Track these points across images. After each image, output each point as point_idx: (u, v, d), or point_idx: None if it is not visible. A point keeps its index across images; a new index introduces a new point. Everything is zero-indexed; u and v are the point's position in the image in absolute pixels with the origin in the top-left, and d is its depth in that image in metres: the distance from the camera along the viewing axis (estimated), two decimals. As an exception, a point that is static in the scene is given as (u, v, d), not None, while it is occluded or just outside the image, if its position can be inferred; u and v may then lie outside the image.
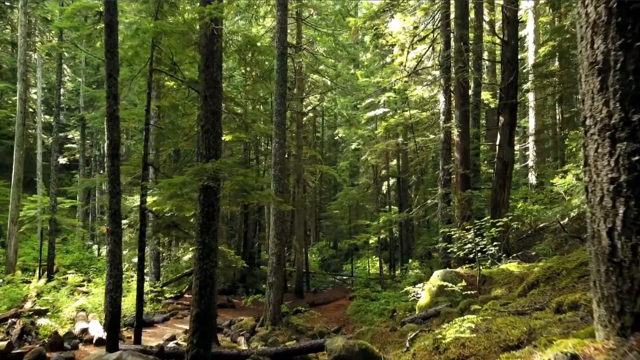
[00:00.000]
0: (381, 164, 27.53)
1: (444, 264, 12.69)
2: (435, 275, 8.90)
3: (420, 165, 20.67)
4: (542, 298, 4.82)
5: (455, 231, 9.37)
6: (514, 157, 13.12)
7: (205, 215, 6.98)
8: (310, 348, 8.30)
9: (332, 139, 41.57)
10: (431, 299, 8.68)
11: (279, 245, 14.44)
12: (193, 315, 6.75)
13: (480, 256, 8.42)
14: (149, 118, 9.34)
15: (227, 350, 8.29)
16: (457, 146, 12.98)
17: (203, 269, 6.87)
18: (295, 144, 22.15)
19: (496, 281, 8.18)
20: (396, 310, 15.42)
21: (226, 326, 14.01)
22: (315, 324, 16.01)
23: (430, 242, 18.73)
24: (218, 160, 6.70)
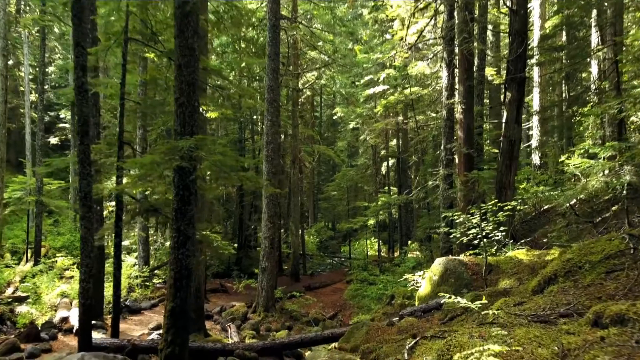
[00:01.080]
0: (380, 144, 26.70)
1: (445, 249, 12.01)
2: (436, 263, 8.20)
3: (420, 145, 19.86)
4: (565, 298, 4.10)
5: (458, 215, 8.64)
6: (521, 136, 12.32)
7: (181, 199, 6.23)
8: (300, 342, 7.65)
9: (330, 119, 40.64)
10: (432, 289, 8.00)
11: (272, 228, 13.75)
12: (167, 310, 6.06)
13: (485, 242, 7.71)
14: (123, 92, 8.51)
15: (211, 345, 7.64)
16: (460, 124, 12.17)
17: (178, 259, 6.15)
18: (291, 123, 21.29)
19: (504, 270, 7.48)
20: (394, 296, 14.83)
21: (217, 313, 13.41)
22: (311, 310, 15.44)
23: (431, 225, 18.05)
24: (193, 137, 5.92)
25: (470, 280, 7.54)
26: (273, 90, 13.68)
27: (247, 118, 24.45)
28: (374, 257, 25.34)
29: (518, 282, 6.60)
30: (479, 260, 7.99)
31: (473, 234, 8.13)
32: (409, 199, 14.34)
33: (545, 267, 6.59)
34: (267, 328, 12.91)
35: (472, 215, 8.18)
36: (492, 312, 4.51)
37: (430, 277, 8.24)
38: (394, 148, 26.66)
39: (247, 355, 7.30)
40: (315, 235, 33.96)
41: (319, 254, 29.73)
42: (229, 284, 19.32)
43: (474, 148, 12.13)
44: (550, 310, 3.76)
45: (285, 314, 14.45)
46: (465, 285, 7.52)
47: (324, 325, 13.71)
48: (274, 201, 13.74)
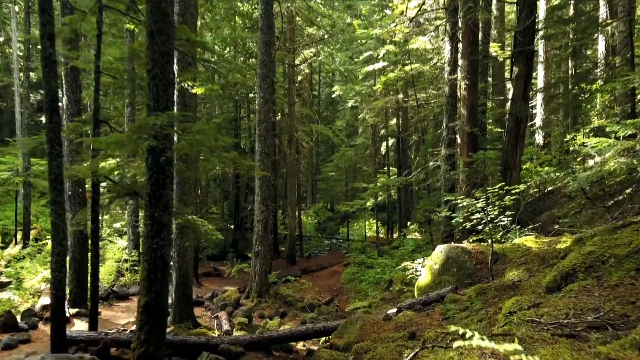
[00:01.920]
0: (380, 123, 25.94)
1: (445, 233, 11.43)
2: (437, 251, 7.61)
3: (421, 124, 19.13)
4: (590, 301, 3.49)
5: (461, 199, 8.02)
6: (528, 113, 11.64)
7: (155, 183, 5.59)
8: (290, 336, 7.12)
9: (329, 97, 39.73)
10: (433, 279, 7.43)
11: (265, 211, 13.16)
12: (141, 306, 5.49)
13: (491, 228, 7.11)
14: (98, 66, 7.78)
15: (194, 338, 7.11)
16: (463, 101, 11.46)
17: (152, 249, 5.55)
18: (287, 101, 20.52)
19: (511, 260, 6.89)
20: (393, 281, 14.36)
21: (208, 299, 12.91)
22: (306, 295, 14.96)
23: (431, 208, 17.47)
24: (166, 113, 5.25)
25: (474, 270, 6.96)
26: (266, 65, 12.91)
27: (242, 96, 23.65)
28: (373, 238, 24.82)
29: (527, 273, 6.01)
30: (483, 248, 7.40)
31: (477, 219, 7.53)
32: (408, 180, 13.71)
33: (557, 256, 6.00)
34: (260, 315, 12.43)
35: (476, 199, 7.56)
36: (502, 315, 3.92)
37: (430, 265, 7.66)
38: (393, 127, 25.91)
39: (233, 350, 6.77)
40: (314, 217, 33.44)
41: (317, 236, 29.24)
42: (223, 267, 18.84)
43: (478, 127, 11.44)
44: (576, 318, 3.16)
45: (279, 299, 13.97)
46: (468, 276, 6.94)
47: (319, 311, 13.24)
48: (267, 183, 13.11)
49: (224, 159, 6.10)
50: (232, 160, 6.19)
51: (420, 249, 16.34)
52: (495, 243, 7.71)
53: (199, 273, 16.55)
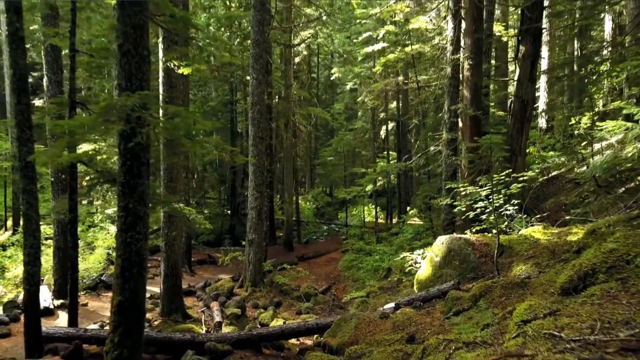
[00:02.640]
0: (380, 106, 25.30)
1: (446, 220, 10.95)
2: (439, 242, 7.13)
3: (421, 106, 18.49)
4: (618, 310, 3.00)
5: (464, 186, 7.51)
6: (534, 95, 11.07)
7: (128, 171, 5.06)
8: (280, 334, 6.67)
9: (328, 80, 38.95)
10: (433, 272, 6.96)
11: (259, 198, 12.65)
12: (114, 306, 5.02)
13: (496, 218, 6.61)
14: (73, 43, 7.19)
15: (179, 335, 6.67)
16: (466, 82, 10.87)
17: (127, 244, 5.06)
18: (284, 84, 19.87)
19: (517, 252, 6.41)
20: (391, 269, 13.94)
21: (200, 288, 12.48)
22: (303, 283, 14.56)
23: (431, 194, 16.98)
24: (137, 93, 4.69)
25: (478, 263, 6.49)
26: (259, 44, 12.27)
27: (238, 78, 22.96)
28: (371, 223, 24.38)
29: (537, 268, 5.53)
30: (487, 239, 6.92)
31: (481, 208, 7.04)
32: (408, 166, 13.19)
33: (570, 250, 5.52)
34: (254, 304, 12.02)
35: (480, 187, 7.05)
36: (514, 323, 3.43)
37: (431, 258, 7.19)
38: (393, 110, 25.27)
39: (219, 348, 6.33)
40: (312, 201, 32.97)
41: (315, 221, 28.83)
42: (218, 254, 18.43)
43: (481, 110, 10.87)
44: (605, 334, 2.67)
45: (275, 288, 13.56)
46: (471, 269, 6.47)
47: (315, 300, 12.84)
48: (260, 169, 12.58)
49: (205, 144, 5.57)
50: (215, 146, 5.65)
51: (419, 235, 15.89)
52: (500, 234, 7.23)
53: (193, 261, 16.13)
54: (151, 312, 9.93)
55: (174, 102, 9.44)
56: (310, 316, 11.20)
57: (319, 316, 11.77)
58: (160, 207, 7.83)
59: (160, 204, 7.65)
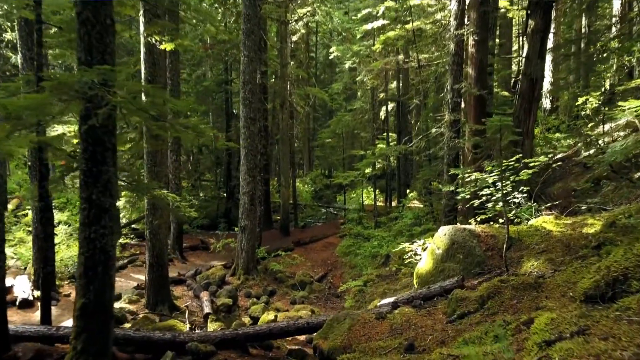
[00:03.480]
0: (379, 86, 24.50)
1: (448, 207, 10.38)
2: (441, 234, 6.56)
3: (423, 85, 17.74)
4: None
5: (468, 172, 6.91)
6: (544, 73, 10.39)
7: (91, 157, 4.46)
8: (268, 333, 6.14)
9: (327, 59, 38.00)
10: (435, 266, 6.40)
11: (251, 183, 12.06)
12: (77, 309, 4.47)
13: (505, 207, 6.03)
14: (39, 13, 6.51)
15: (158, 334, 6.15)
16: (471, 59, 10.17)
17: (90, 240, 4.48)
18: (279, 62, 19.09)
19: (527, 245, 5.84)
20: (390, 256, 13.43)
21: (190, 276, 11.98)
22: (298, 270, 14.07)
23: (432, 177, 16.38)
24: (96, 68, 4.05)
25: (484, 257, 5.92)
26: (250, 19, 11.52)
27: (232, 57, 22.11)
28: (370, 206, 23.85)
29: (550, 265, 4.97)
30: (494, 230, 6.34)
31: (486, 195, 6.45)
32: (408, 149, 12.56)
33: (588, 245, 4.94)
34: (246, 293, 11.55)
35: (487, 173, 6.45)
36: (534, 343, 2.87)
37: (432, 250, 6.62)
38: (393, 91, 24.51)
39: (202, 349, 5.82)
40: (310, 184, 32.40)
41: (313, 204, 28.30)
42: (212, 239, 17.92)
43: (487, 89, 10.20)
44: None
45: (269, 276, 13.07)
46: (477, 264, 5.91)
47: (310, 289, 12.37)
48: (253, 152, 11.95)
49: (178, 127, 4.94)
50: (191, 128, 5.03)
51: (419, 220, 15.35)
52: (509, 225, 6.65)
53: (185, 246, 15.62)
54: (136, 303, 9.44)
55: (156, 80, 8.77)
56: (304, 306, 10.73)
57: (313, 306, 11.31)
58: (140, 194, 7.24)
59: (140, 190, 7.06)
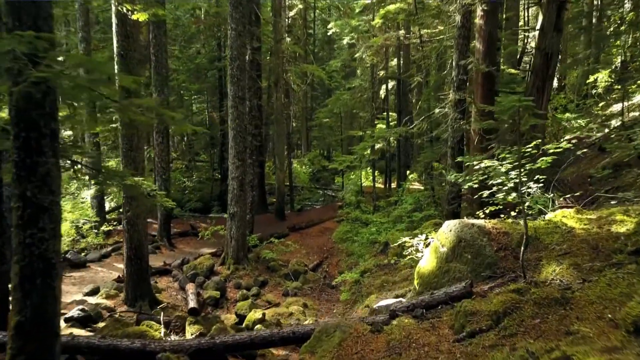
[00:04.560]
0: (379, 64, 23.46)
1: (452, 194, 9.61)
2: (446, 229, 5.79)
3: (426, 60, 16.77)
4: None
5: (477, 159, 6.11)
6: (559, 47, 9.51)
7: (23, 146, 3.66)
8: (250, 343, 5.42)
9: (325, 36, 36.73)
10: (439, 265, 5.66)
11: (240, 167, 11.27)
12: (12, 328, 3.74)
13: (521, 199, 5.25)
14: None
15: (126, 343, 5.45)
16: (479, 32, 9.25)
17: (26, 246, 3.71)
18: (273, 38, 18.07)
19: (546, 246, 5.08)
20: (389, 244, 12.72)
21: (177, 267, 11.28)
22: (292, 258, 13.39)
23: (434, 158, 15.59)
24: (15, 34, 3.22)
25: (496, 258, 5.17)
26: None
27: (224, 32, 21.04)
28: (369, 188, 23.09)
29: (577, 273, 4.21)
30: (507, 226, 5.57)
31: (497, 185, 5.66)
32: (409, 131, 11.71)
33: (621, 250, 4.18)
34: (236, 284, 10.88)
35: (498, 160, 5.65)
36: None
37: (436, 247, 5.87)
38: (394, 68, 23.49)
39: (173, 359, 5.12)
40: (309, 165, 31.57)
41: (311, 186, 27.54)
42: (204, 224, 17.20)
43: (496, 65, 9.31)
44: None
45: (261, 264, 12.39)
46: (487, 266, 5.16)
47: (304, 279, 11.69)
48: (242, 133, 11.12)
49: (133, 109, 4.12)
50: (151, 108, 4.21)
51: (420, 206, 14.61)
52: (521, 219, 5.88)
53: (174, 233, 14.91)
54: (115, 298, 8.76)
55: (130, 55, 7.89)
56: (297, 299, 10.06)
57: (307, 297, 10.64)
58: (106, 183, 6.45)
59: (109, 179, 6.27)
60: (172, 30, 20.84)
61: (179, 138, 31.22)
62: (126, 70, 7.96)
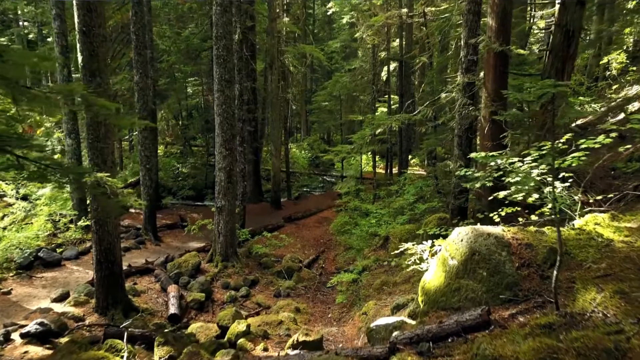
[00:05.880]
0: (381, 45, 22.30)
1: (459, 187, 8.68)
2: (456, 238, 4.89)
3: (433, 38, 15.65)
4: None
5: (494, 156, 5.18)
6: (582, 24, 8.47)
7: None
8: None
9: (326, 16, 35.43)
10: (448, 282, 4.77)
11: (228, 157, 10.34)
12: None
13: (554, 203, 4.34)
14: None
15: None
16: (492, 7, 8.20)
17: None
18: (268, 16, 16.96)
19: (580, 263, 4.18)
20: (389, 238, 11.86)
21: (160, 265, 10.43)
22: (287, 252, 12.58)
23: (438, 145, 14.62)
24: None
25: (518, 278, 4.28)
26: (222, -41, 9.48)
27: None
28: (370, 173, 22.17)
29: (625, 304, 3.31)
30: (530, 237, 4.66)
31: (516, 184, 4.75)
32: (412, 118, 10.72)
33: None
34: (224, 284, 10.05)
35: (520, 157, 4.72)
36: None
37: (444, 258, 4.97)
38: (396, 49, 22.35)
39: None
40: (308, 149, 30.61)
41: (310, 172, 26.62)
42: (195, 215, 16.35)
43: (510, 44, 8.27)
44: None
45: (252, 260, 11.56)
46: (507, 287, 4.27)
47: (298, 277, 10.87)
48: (229, 120, 10.16)
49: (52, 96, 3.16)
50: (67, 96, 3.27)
51: (422, 196, 13.70)
52: (548, 227, 4.96)
53: (162, 225, 14.05)
54: (85, 305, 7.91)
55: (95, 32, 6.91)
56: (289, 302, 9.24)
57: (301, 299, 9.84)
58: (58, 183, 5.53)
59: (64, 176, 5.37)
60: (162, 9, 19.69)
61: (174, 122, 30.21)
62: (89, 49, 7.00)
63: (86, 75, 7.13)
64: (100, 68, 7.23)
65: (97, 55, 7.12)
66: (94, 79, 7.13)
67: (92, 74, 7.15)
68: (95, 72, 7.15)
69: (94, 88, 7.07)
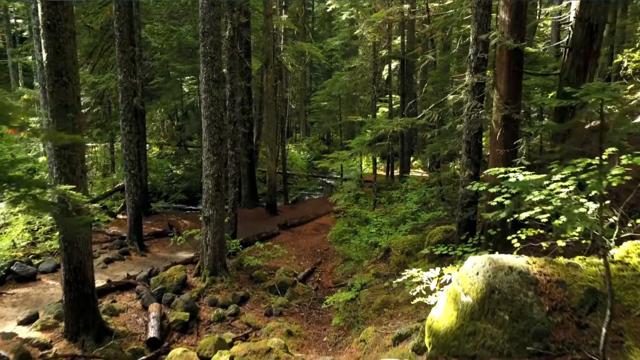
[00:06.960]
0: (382, 42, 21.48)
1: (467, 198, 7.90)
2: (470, 270, 4.09)
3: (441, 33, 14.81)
4: None
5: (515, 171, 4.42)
6: (607, 17, 7.69)
7: None
8: None
9: (325, 14, 34.61)
10: (461, 323, 3.98)
11: (216, 162, 9.56)
12: None
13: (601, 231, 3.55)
14: None
15: None
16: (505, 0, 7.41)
17: None
18: (263, 12, 16.16)
19: (627, 308, 3.39)
20: (391, 249, 11.12)
21: (142, 280, 9.64)
22: (281, 264, 11.81)
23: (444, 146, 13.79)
24: None
25: (548, 325, 3.49)
26: (209, -52, 8.69)
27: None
28: (370, 175, 21.39)
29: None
30: (561, 271, 3.87)
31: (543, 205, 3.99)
32: (415, 122, 9.92)
33: None
34: (211, 301, 9.27)
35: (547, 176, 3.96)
36: None
37: (455, 293, 4.18)
38: (397, 47, 21.55)
39: None
40: (307, 150, 29.83)
41: (309, 174, 25.83)
42: (187, 221, 15.60)
43: (524, 41, 7.48)
44: None
45: (243, 274, 10.79)
46: (536, 336, 3.49)
47: (292, 293, 10.10)
48: (217, 123, 9.37)
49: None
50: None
51: (426, 203, 12.92)
52: (579, 258, 4.17)
53: (149, 234, 13.27)
54: (53, 330, 7.15)
55: (61, 27, 6.14)
56: (281, 323, 8.48)
57: (294, 318, 9.07)
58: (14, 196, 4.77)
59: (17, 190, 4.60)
60: (154, 5, 18.91)
61: (169, 122, 29.43)
62: (54, 46, 6.23)
63: (51, 74, 6.37)
64: (68, 67, 6.46)
65: (64, 53, 6.36)
66: (60, 78, 6.36)
67: (58, 73, 6.38)
68: (61, 71, 6.38)
69: (59, 88, 6.32)
